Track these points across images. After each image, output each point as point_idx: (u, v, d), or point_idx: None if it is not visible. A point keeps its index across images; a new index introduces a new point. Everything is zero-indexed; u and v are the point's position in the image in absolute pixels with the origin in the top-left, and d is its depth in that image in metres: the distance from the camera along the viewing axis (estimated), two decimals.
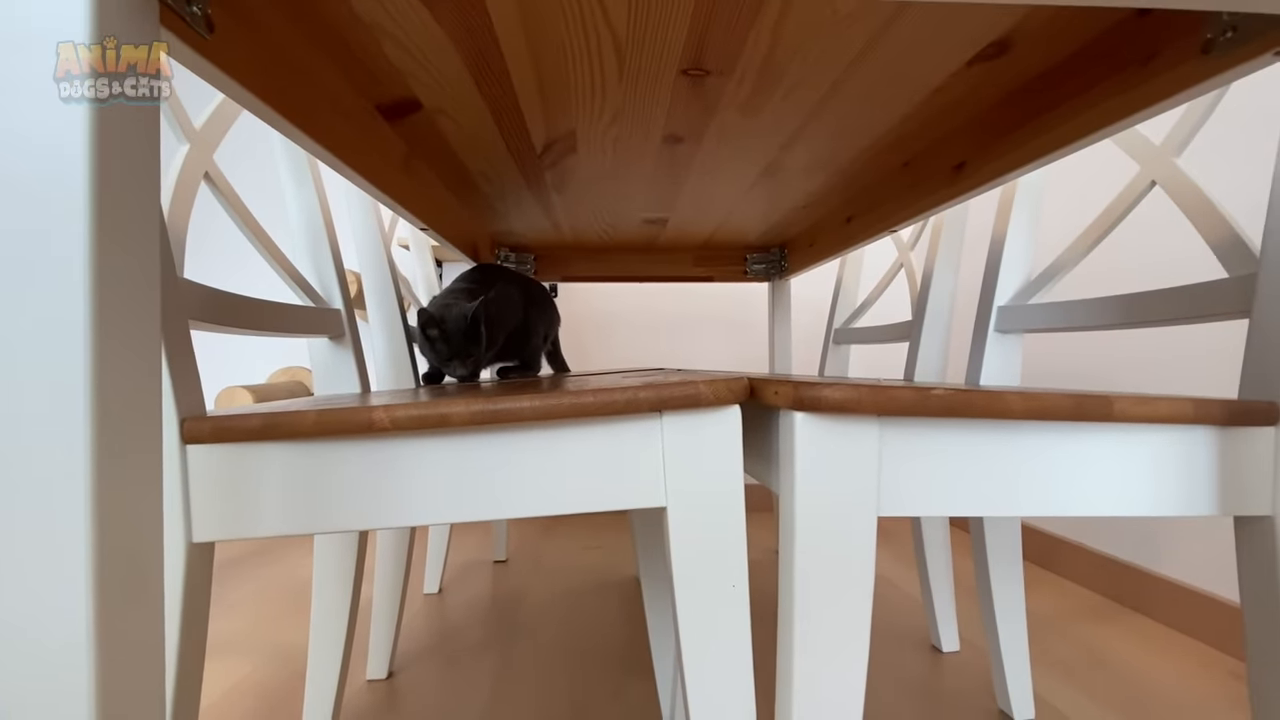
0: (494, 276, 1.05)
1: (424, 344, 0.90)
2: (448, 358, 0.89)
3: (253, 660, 0.99)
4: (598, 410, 0.44)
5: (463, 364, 0.90)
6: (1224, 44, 0.44)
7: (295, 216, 0.76)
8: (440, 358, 0.89)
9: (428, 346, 0.89)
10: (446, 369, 0.92)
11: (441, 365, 0.91)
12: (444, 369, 0.92)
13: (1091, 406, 0.42)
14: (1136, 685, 0.91)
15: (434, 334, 0.87)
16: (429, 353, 0.90)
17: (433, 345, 0.88)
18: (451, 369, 0.91)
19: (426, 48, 0.58)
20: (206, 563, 0.45)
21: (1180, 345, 1.11)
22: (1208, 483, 0.46)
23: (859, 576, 0.40)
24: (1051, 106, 0.61)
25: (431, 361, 0.92)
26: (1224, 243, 0.58)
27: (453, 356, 0.88)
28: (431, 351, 0.89)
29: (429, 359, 0.92)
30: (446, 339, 0.88)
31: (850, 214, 1.11)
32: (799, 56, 0.59)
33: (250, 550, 1.62)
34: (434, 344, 0.88)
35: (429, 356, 0.91)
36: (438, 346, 0.88)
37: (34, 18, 0.31)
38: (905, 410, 0.40)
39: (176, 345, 0.44)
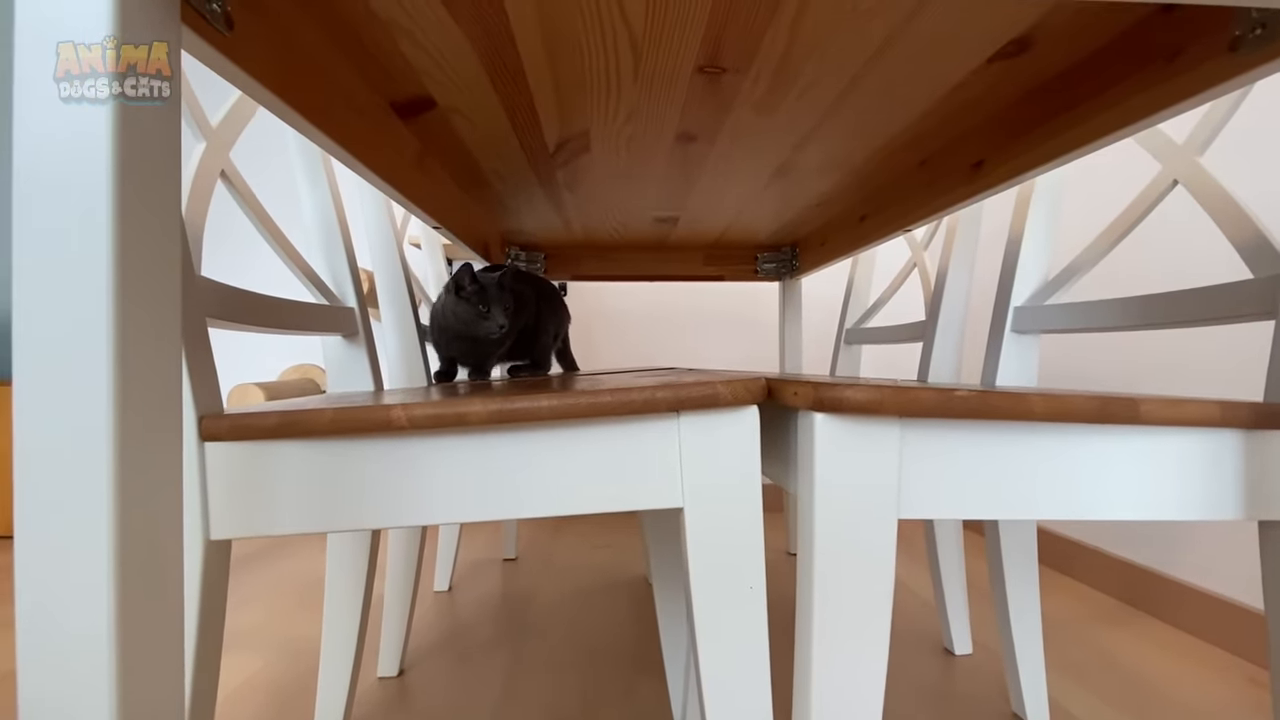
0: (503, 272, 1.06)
1: (454, 306, 0.87)
2: (484, 314, 0.87)
3: (265, 656, 1.00)
4: (615, 410, 0.43)
5: (501, 315, 0.87)
6: (1253, 41, 0.44)
7: (310, 214, 0.76)
8: (474, 316, 0.87)
9: (462, 305, 0.87)
10: (480, 329, 0.89)
11: (473, 326, 0.89)
12: (477, 330, 0.89)
13: (1116, 409, 0.41)
14: (1152, 690, 0.90)
15: (471, 288, 0.86)
16: (462, 314, 0.88)
17: (468, 301, 0.87)
18: (486, 328, 0.88)
19: (443, 45, 0.57)
20: (224, 560, 0.45)
21: (1198, 347, 1.09)
22: (1233, 487, 0.45)
23: (879, 579, 0.40)
24: (1072, 105, 0.60)
25: (463, 324, 0.89)
26: (1249, 243, 0.57)
27: (489, 310, 0.87)
28: (467, 309, 0.87)
29: (458, 323, 0.90)
30: (483, 292, 0.86)
31: (864, 213, 1.10)
32: (816, 54, 0.59)
33: (263, 546, 1.63)
34: (470, 300, 0.86)
35: (459, 319, 0.89)
36: (473, 301, 0.86)
37: (56, 17, 0.31)
38: (927, 412, 0.40)
39: (195, 343, 0.44)
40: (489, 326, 0.89)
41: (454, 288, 0.89)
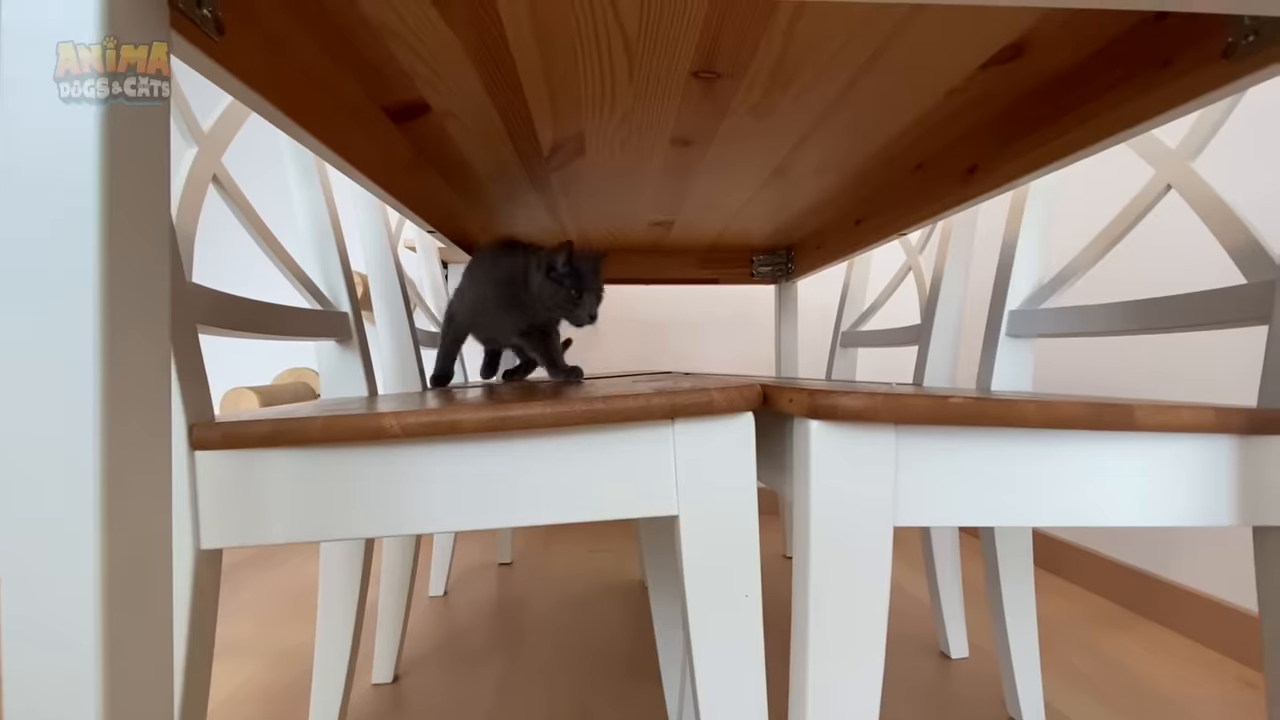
0: None
1: (543, 285, 0.77)
2: (577, 299, 0.78)
3: (256, 664, 0.99)
4: (610, 417, 0.43)
5: (594, 305, 0.78)
6: (1245, 47, 0.44)
7: (302, 219, 0.76)
8: (565, 300, 0.78)
9: (551, 286, 0.77)
10: (571, 315, 0.79)
11: (560, 311, 0.79)
12: (568, 314, 0.80)
13: (1111, 415, 0.41)
14: (1146, 692, 0.90)
15: (565, 270, 0.76)
16: (548, 296, 0.78)
17: (560, 284, 0.77)
18: (577, 315, 0.79)
19: (436, 49, 0.57)
20: (215, 570, 0.45)
21: (1194, 351, 1.10)
22: (1228, 493, 0.45)
23: (875, 587, 0.40)
24: (1067, 110, 0.60)
25: (546, 306, 0.79)
26: (1242, 248, 0.57)
27: (582, 297, 0.77)
28: (558, 292, 0.77)
29: (538, 303, 0.80)
30: (578, 277, 0.76)
31: (859, 216, 1.10)
32: (811, 59, 0.59)
33: (254, 553, 1.62)
34: (562, 282, 0.77)
35: (542, 300, 0.79)
36: (566, 284, 0.77)
37: (43, 19, 0.30)
38: (922, 419, 0.40)
39: (185, 350, 0.44)
40: (579, 315, 0.79)
41: (545, 265, 0.78)
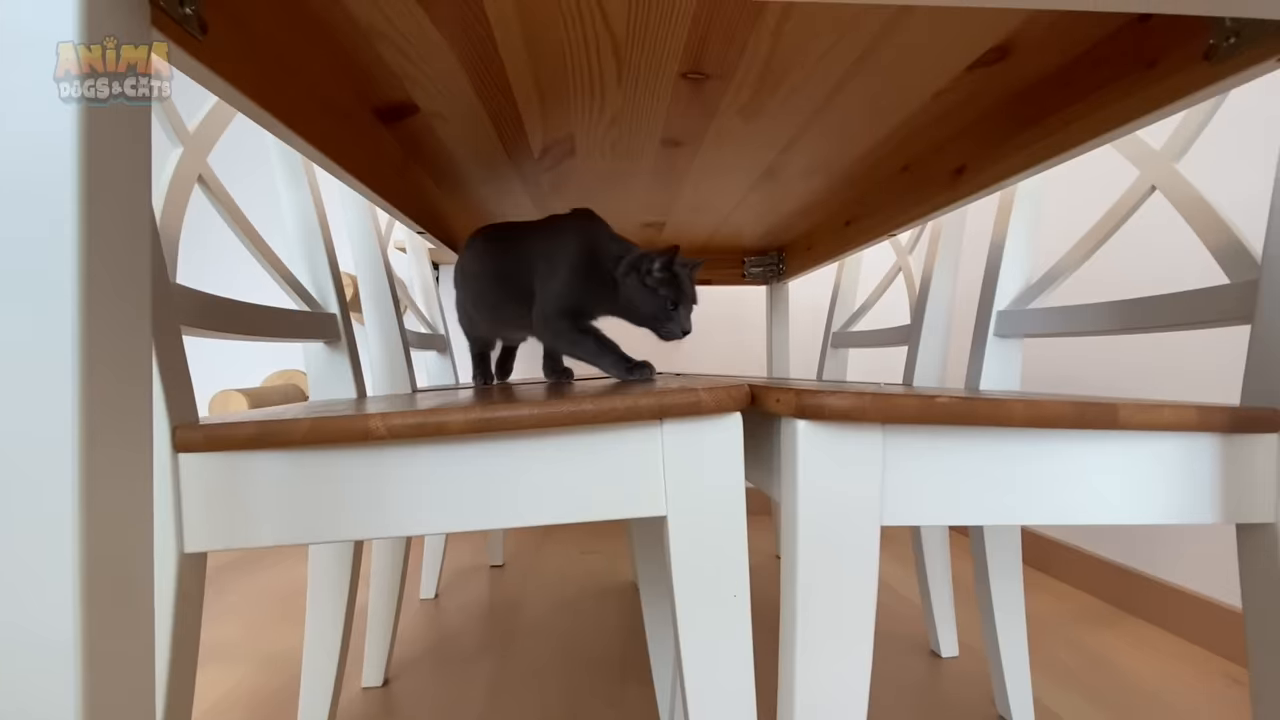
0: None
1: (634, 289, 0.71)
2: (671, 310, 0.71)
3: (244, 668, 0.98)
4: (598, 418, 0.43)
5: (688, 319, 0.72)
6: (1226, 49, 0.44)
7: (290, 220, 0.75)
8: (658, 310, 0.71)
9: (644, 293, 0.71)
10: (662, 327, 0.72)
11: (649, 320, 0.72)
12: (657, 324, 0.72)
13: (1095, 414, 0.41)
14: (1134, 689, 0.91)
15: (662, 275, 0.70)
16: (639, 301, 0.71)
17: (653, 290, 0.70)
18: (668, 329, 0.72)
19: (424, 50, 0.57)
20: (199, 573, 0.44)
21: (1179, 350, 1.11)
22: (1211, 490, 0.46)
23: (862, 586, 0.40)
24: (1052, 112, 0.61)
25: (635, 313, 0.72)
26: (1225, 248, 0.58)
27: (677, 309, 0.71)
28: (650, 299, 0.71)
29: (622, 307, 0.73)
30: (677, 283, 0.70)
31: (849, 217, 1.11)
32: (800, 60, 0.59)
33: (242, 555, 1.61)
34: (655, 288, 0.70)
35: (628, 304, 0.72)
36: (660, 291, 0.70)
37: (22, 19, 0.30)
38: (909, 418, 0.40)
39: (168, 352, 0.43)
40: (671, 328, 0.71)
41: (638, 265, 0.70)
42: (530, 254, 0.79)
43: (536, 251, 0.79)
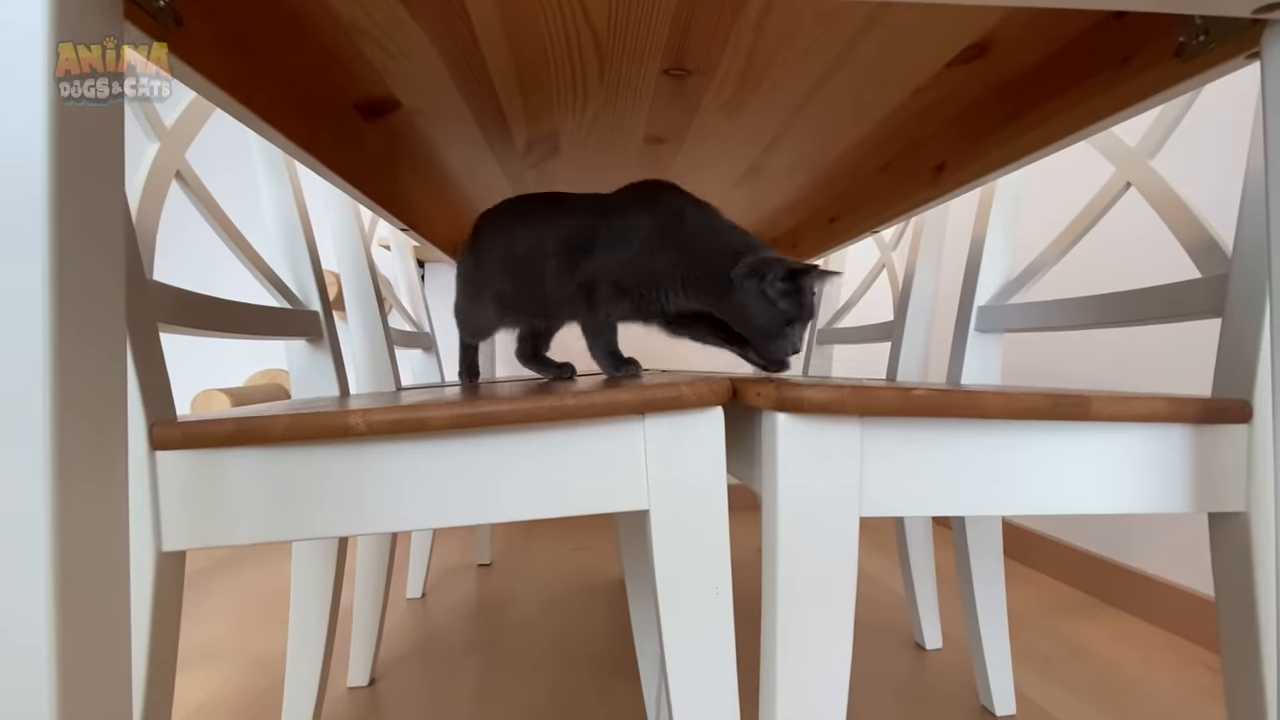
0: None
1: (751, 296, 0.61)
2: (786, 328, 0.62)
3: (229, 669, 0.98)
4: (579, 413, 0.43)
5: (801, 339, 0.63)
6: (1196, 46, 0.45)
7: (271, 216, 0.74)
8: (774, 323, 0.61)
9: (761, 302, 0.61)
10: (772, 346, 0.63)
11: (761, 334, 0.63)
12: (762, 340, 0.63)
13: (1068, 406, 0.42)
14: (1113, 678, 0.92)
15: (784, 286, 0.60)
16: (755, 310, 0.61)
17: (772, 301, 0.61)
18: (778, 347, 0.62)
19: (405, 46, 0.57)
20: (177, 572, 0.44)
21: (1159, 343, 1.12)
22: (1183, 480, 0.46)
23: (841, 577, 0.40)
24: (1030, 108, 0.62)
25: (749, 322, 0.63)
26: (1197, 243, 0.59)
27: (792, 326, 0.62)
28: (768, 310, 0.61)
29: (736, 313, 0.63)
30: (799, 298, 0.61)
31: (833, 214, 1.11)
32: (780, 57, 0.59)
33: (227, 555, 1.59)
34: (774, 301, 0.61)
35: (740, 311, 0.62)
36: (779, 304, 0.61)
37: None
38: (887, 411, 0.40)
39: (145, 348, 0.43)
40: (782, 346, 0.62)
41: (759, 272, 0.61)
42: (597, 223, 0.68)
43: (609, 220, 0.68)
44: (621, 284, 0.66)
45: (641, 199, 0.70)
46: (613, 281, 0.66)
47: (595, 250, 0.68)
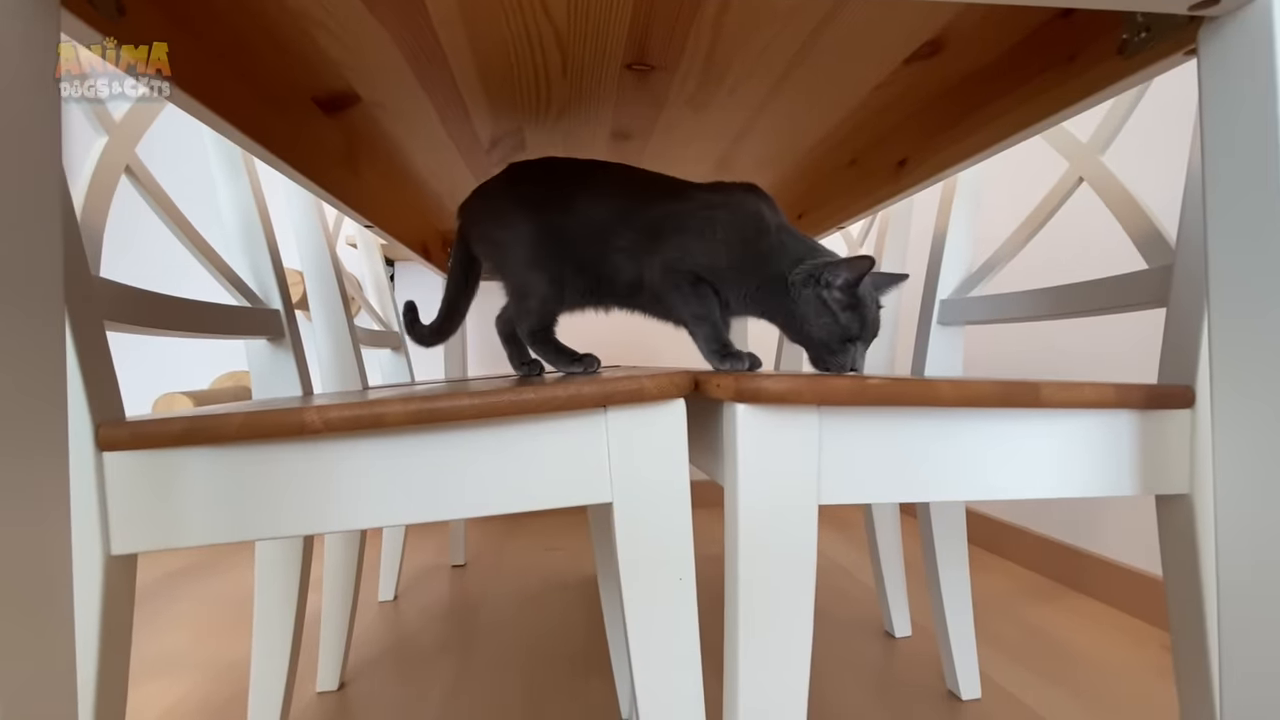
0: None
1: (810, 302, 0.58)
2: (840, 340, 0.58)
3: (193, 678, 0.95)
4: (541, 407, 0.43)
5: (854, 356, 0.59)
6: (1138, 44, 0.46)
7: (228, 213, 0.73)
8: (829, 331, 0.58)
9: (821, 310, 0.57)
10: (822, 353, 0.59)
11: (818, 340, 0.59)
12: (819, 347, 0.59)
13: (1019, 393, 0.43)
14: (1076, 660, 0.95)
15: (845, 297, 0.57)
16: (811, 314, 0.58)
17: (831, 311, 0.57)
18: (834, 361, 0.59)
19: (362, 39, 0.56)
20: (128, 576, 0.43)
21: (1116, 332, 1.16)
22: (1130, 464, 0.48)
23: (801, 562, 0.41)
24: (984, 104, 0.63)
25: (799, 326, 0.59)
26: (1144, 236, 0.61)
27: (847, 341, 0.58)
28: (826, 318, 0.57)
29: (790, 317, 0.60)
30: (859, 310, 0.58)
31: (801, 210, 1.12)
32: (741, 52, 0.60)
33: (190, 563, 1.55)
34: (833, 309, 0.57)
35: (795, 315, 0.59)
36: (835, 312, 0.57)
37: None
38: (843, 400, 0.41)
39: (90, 347, 0.41)
40: (832, 360, 0.59)
41: (816, 276, 0.58)
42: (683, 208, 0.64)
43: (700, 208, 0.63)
44: (706, 277, 0.61)
45: (734, 196, 0.65)
46: (701, 272, 0.61)
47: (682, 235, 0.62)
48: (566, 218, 0.66)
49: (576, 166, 0.71)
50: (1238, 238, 0.39)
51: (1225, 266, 0.39)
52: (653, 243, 0.64)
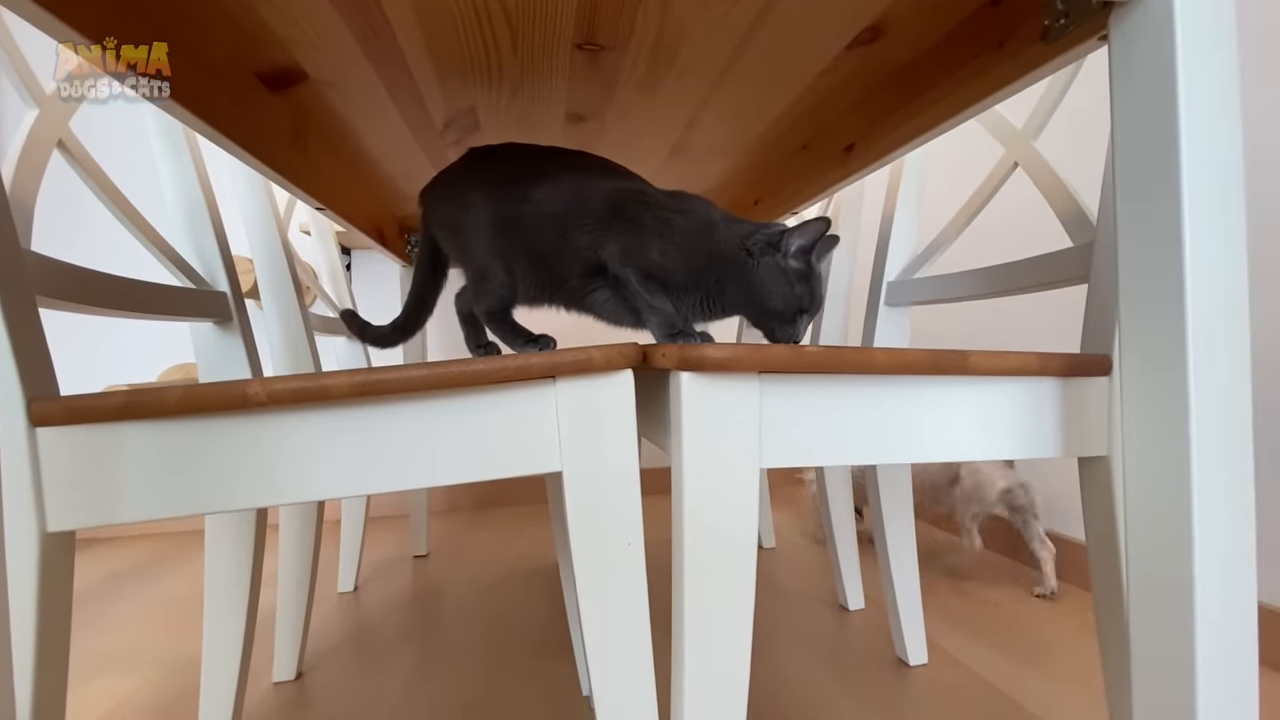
0: None
1: (768, 271, 0.59)
2: (795, 312, 0.60)
3: (142, 674, 0.93)
4: (489, 378, 0.43)
5: (804, 326, 0.62)
6: (1058, 30, 0.49)
7: (170, 191, 0.71)
8: (785, 300, 0.59)
9: (777, 278, 0.59)
10: (777, 326, 0.61)
11: (773, 312, 0.61)
12: (771, 319, 0.61)
13: (948, 361, 0.45)
14: (1017, 627, 1.00)
15: (799, 266, 0.59)
16: (770, 284, 0.59)
17: (788, 280, 0.59)
18: (786, 332, 0.61)
19: (309, 14, 0.55)
20: (66, 553, 0.42)
21: (1060, 307, 1.21)
22: (1053, 428, 0.51)
23: (744, 524, 0.42)
24: (923, 89, 0.65)
25: (756, 296, 0.60)
26: (1071, 216, 0.64)
27: (800, 316, 0.61)
28: (783, 287, 0.59)
29: (748, 287, 0.60)
30: (809, 280, 0.59)
31: (757, 197, 1.14)
32: (689, 35, 0.61)
33: (142, 559, 1.51)
34: (789, 279, 0.59)
35: (753, 285, 0.60)
36: (792, 283, 0.59)
37: None
38: (782, 367, 0.43)
39: (20, 321, 0.40)
40: (782, 332, 0.61)
41: (775, 243, 0.59)
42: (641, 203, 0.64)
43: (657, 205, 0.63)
44: (659, 276, 0.62)
45: (683, 195, 0.66)
46: (654, 270, 0.62)
47: (640, 229, 0.62)
48: (522, 205, 0.65)
49: (536, 152, 0.71)
50: (1141, 214, 0.41)
51: (1132, 242, 0.42)
52: (611, 232, 0.63)
